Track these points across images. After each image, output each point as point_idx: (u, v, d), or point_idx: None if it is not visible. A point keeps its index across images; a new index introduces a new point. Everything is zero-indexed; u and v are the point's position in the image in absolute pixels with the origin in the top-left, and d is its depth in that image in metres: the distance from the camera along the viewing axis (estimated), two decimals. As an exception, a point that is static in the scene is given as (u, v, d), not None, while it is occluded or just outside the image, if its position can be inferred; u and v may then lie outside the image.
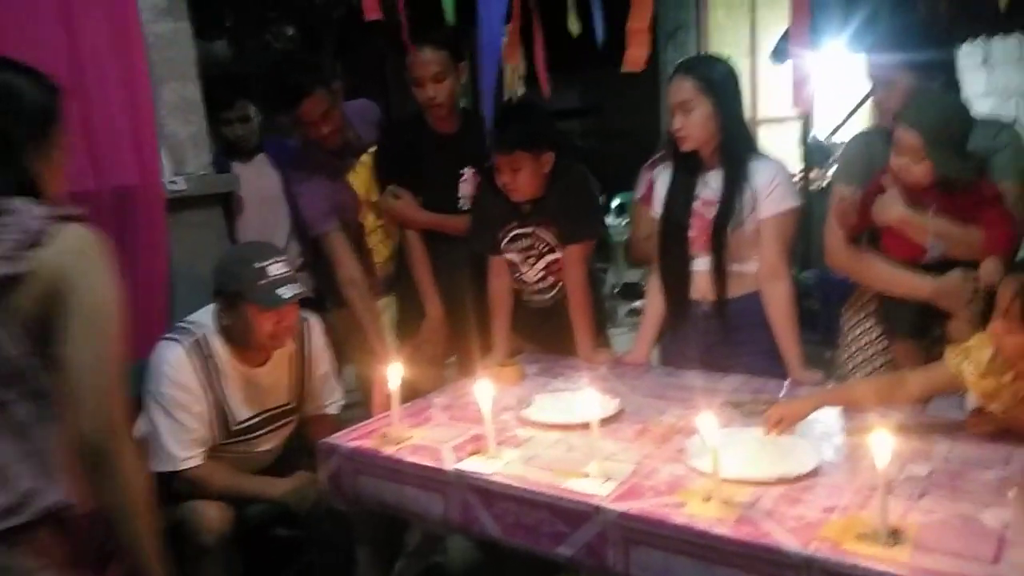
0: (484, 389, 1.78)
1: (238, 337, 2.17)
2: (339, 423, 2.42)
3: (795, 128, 5.98)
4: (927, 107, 1.85)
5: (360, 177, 2.95)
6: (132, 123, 2.61)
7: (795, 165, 5.85)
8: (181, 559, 2.29)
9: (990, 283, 1.74)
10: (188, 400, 2.13)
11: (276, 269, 2.10)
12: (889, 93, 1.96)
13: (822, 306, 4.58)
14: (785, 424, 1.70)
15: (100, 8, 2.54)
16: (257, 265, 2.09)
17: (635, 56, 1.92)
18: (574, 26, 2.51)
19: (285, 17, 7.45)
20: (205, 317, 2.23)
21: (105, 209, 2.54)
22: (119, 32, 2.58)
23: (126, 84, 2.60)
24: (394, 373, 1.94)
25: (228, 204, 2.97)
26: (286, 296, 2.08)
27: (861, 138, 2.14)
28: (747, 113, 2.42)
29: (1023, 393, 1.59)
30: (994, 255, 1.78)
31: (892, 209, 1.90)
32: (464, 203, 2.68)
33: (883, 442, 1.33)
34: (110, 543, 2.24)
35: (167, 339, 2.20)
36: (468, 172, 2.67)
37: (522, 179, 2.32)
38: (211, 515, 2.10)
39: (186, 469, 2.14)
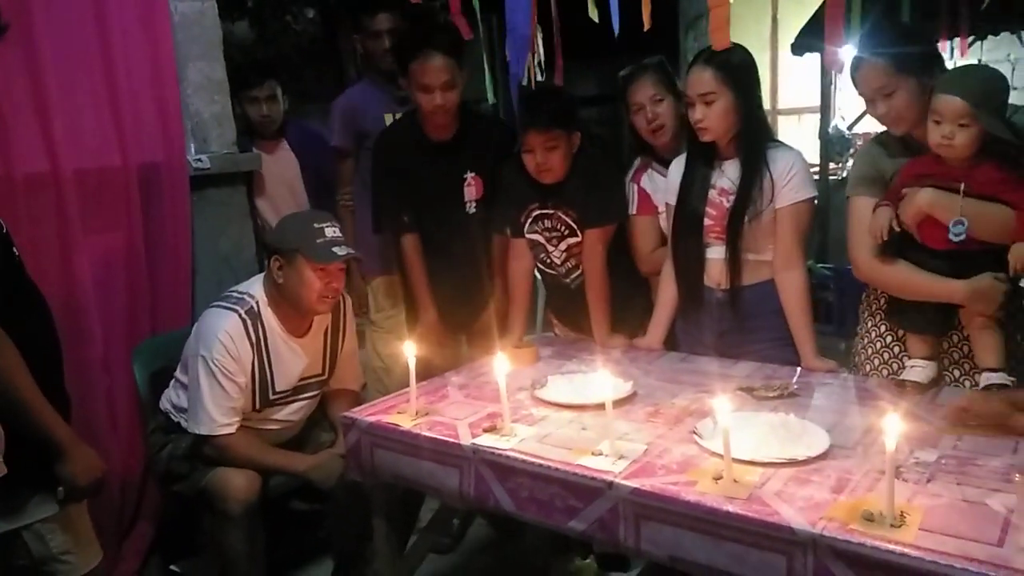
0: (501, 366, 1.82)
1: (289, 297, 2.25)
2: (359, 399, 2.48)
3: (814, 119, 5.96)
4: (969, 73, 1.85)
5: None
6: (158, 101, 2.67)
7: (814, 156, 5.83)
8: (200, 525, 2.37)
9: (1021, 268, 1.73)
10: (235, 369, 2.21)
11: (331, 232, 2.25)
12: (892, 103, 1.92)
13: (837, 298, 4.59)
14: (966, 420, 1.68)
15: (128, -15, 2.59)
16: (316, 225, 2.25)
17: (715, 36, 1.87)
18: (594, 14, 2.52)
19: (305, -1, 7.47)
20: (254, 288, 2.31)
21: (130, 185, 2.60)
22: (147, 10, 2.63)
23: (152, 62, 2.65)
24: (409, 351, 1.98)
25: (250, 183, 3.02)
26: (340, 254, 2.22)
27: (871, 147, 2.12)
28: (767, 104, 2.40)
29: None
30: None
31: (920, 195, 1.86)
32: (471, 207, 2.67)
33: (893, 426, 1.36)
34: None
35: (222, 307, 2.27)
36: (470, 176, 2.65)
37: (556, 158, 2.33)
38: (238, 483, 2.17)
39: (219, 435, 2.20)
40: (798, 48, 5.35)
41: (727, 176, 2.21)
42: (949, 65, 2.05)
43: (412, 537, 2.48)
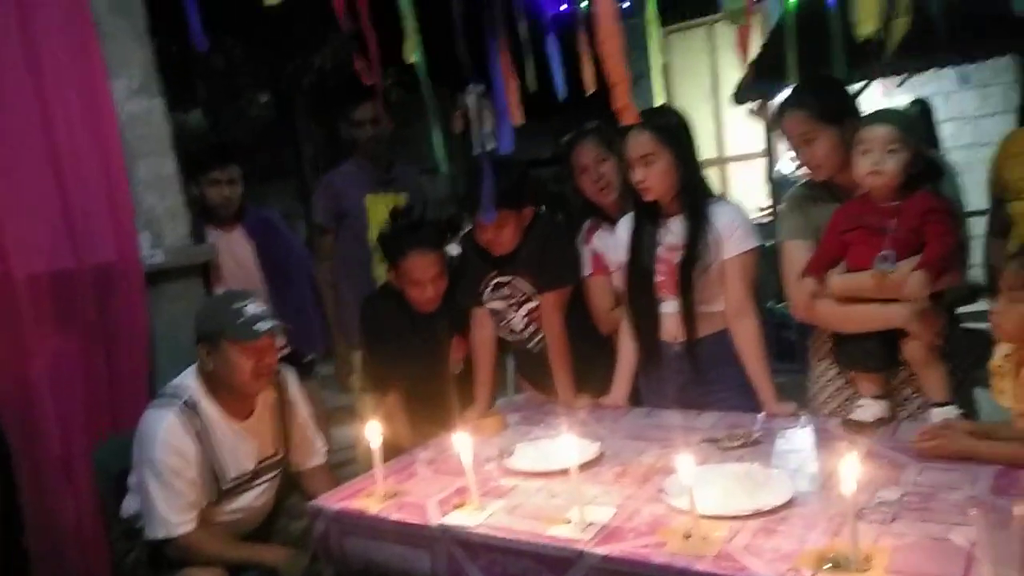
0: (464, 442, 1.81)
1: (223, 383, 2.21)
2: (331, 472, 2.45)
3: (761, 164, 6.13)
4: (891, 109, 2.01)
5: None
6: (109, 201, 2.67)
7: (763, 200, 5.98)
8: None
9: (912, 296, 1.81)
10: (182, 466, 2.15)
11: (252, 308, 2.19)
12: (813, 150, 2.03)
13: (799, 336, 4.64)
14: (935, 452, 1.72)
15: (74, 90, 2.61)
16: (235, 306, 2.19)
17: (622, 111, 1.94)
18: (532, 82, 2.60)
19: (257, 85, 7.61)
20: (187, 379, 2.26)
21: (85, 287, 2.59)
22: (93, 113, 2.65)
23: (101, 163, 2.66)
24: (374, 431, 1.97)
25: (207, 273, 3.02)
26: (263, 329, 2.16)
27: (798, 191, 2.21)
28: (715, 152, 2.43)
29: None
30: (924, 269, 1.81)
31: (833, 283, 2.00)
32: (456, 367, 2.67)
33: (850, 468, 1.37)
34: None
35: (155, 407, 2.22)
36: (455, 339, 2.66)
37: (505, 235, 2.39)
38: None
39: (178, 536, 2.14)
40: (740, 97, 5.55)
41: (672, 232, 2.26)
42: (883, 103, 2.17)
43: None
